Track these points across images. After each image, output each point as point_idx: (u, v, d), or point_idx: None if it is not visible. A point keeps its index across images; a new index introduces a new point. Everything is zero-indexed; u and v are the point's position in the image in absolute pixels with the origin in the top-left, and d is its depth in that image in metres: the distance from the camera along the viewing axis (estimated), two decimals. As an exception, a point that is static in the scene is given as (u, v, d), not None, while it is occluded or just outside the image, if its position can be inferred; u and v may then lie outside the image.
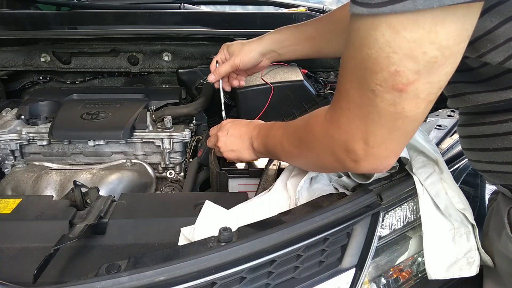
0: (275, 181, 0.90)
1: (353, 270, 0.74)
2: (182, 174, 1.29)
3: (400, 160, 0.84)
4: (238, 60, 1.06)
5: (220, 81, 1.12)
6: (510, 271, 0.74)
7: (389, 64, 0.50)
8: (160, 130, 1.26)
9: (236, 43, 1.10)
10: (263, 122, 0.96)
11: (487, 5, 0.54)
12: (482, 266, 0.80)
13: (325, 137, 0.65)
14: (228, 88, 1.17)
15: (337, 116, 0.61)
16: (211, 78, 1.10)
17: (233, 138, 0.97)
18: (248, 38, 1.46)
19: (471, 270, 0.77)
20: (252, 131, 0.94)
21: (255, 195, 0.92)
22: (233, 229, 0.67)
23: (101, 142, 1.24)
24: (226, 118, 1.08)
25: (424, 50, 0.49)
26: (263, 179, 0.99)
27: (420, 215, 0.79)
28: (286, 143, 0.79)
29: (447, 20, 0.47)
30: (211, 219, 0.78)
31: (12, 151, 1.25)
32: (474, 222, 0.79)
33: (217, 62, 1.11)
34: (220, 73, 1.08)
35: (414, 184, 0.80)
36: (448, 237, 0.78)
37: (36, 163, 1.24)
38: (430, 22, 0.47)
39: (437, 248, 0.78)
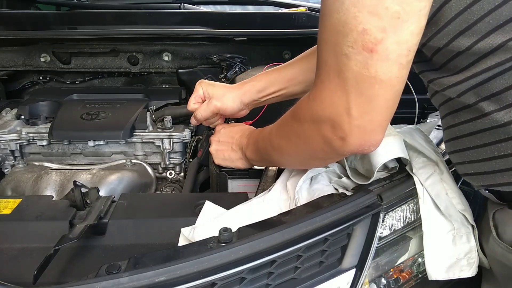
0: (275, 181, 0.90)
1: (353, 270, 0.73)
2: (182, 174, 1.29)
3: (400, 161, 0.84)
4: (219, 105, 1.00)
5: None
6: (502, 273, 0.74)
7: (356, 23, 0.54)
8: (160, 130, 1.26)
9: (217, 86, 1.03)
10: (254, 129, 0.97)
11: None
12: (481, 268, 0.80)
13: (311, 117, 0.66)
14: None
15: (319, 91, 0.63)
16: (192, 121, 1.05)
17: (224, 147, 0.99)
18: (248, 38, 1.47)
19: (471, 271, 0.77)
20: (243, 141, 0.95)
21: (255, 196, 0.92)
22: (233, 230, 0.67)
23: (101, 142, 1.24)
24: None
25: (385, 5, 0.52)
26: (262, 180, 0.99)
27: (420, 216, 0.79)
28: (275, 138, 0.80)
29: None
30: (211, 220, 0.78)
31: (12, 151, 1.25)
32: (474, 223, 0.79)
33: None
34: (200, 118, 1.02)
35: (414, 184, 0.80)
36: (448, 238, 0.78)
37: (36, 163, 1.24)
38: None
39: (438, 249, 0.78)
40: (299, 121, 0.70)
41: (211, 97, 1.01)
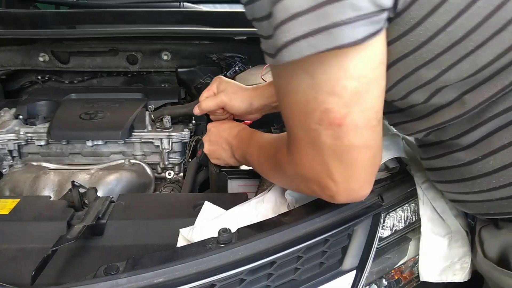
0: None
1: (354, 271, 0.73)
2: (181, 174, 1.28)
3: (401, 161, 0.84)
4: (226, 100, 0.98)
5: None
6: (492, 285, 0.74)
7: (318, 104, 0.53)
8: (159, 130, 1.25)
9: (232, 84, 1.01)
10: (242, 127, 0.95)
11: None
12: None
13: (296, 175, 0.65)
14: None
15: (299, 156, 0.62)
16: (195, 110, 1.04)
17: (215, 146, 0.98)
18: (248, 38, 1.46)
19: (464, 276, 0.77)
20: (231, 141, 0.94)
21: (255, 196, 0.92)
22: (233, 230, 0.66)
23: (100, 142, 1.23)
24: None
25: (342, 84, 0.51)
26: (262, 180, 0.98)
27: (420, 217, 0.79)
28: (263, 168, 0.80)
29: (349, 55, 0.50)
30: (211, 220, 0.77)
31: (10, 151, 1.24)
32: (467, 229, 0.79)
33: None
34: (203, 108, 1.01)
35: (415, 185, 0.80)
36: (444, 241, 0.79)
37: (34, 163, 1.23)
38: (334, 60, 0.50)
39: (433, 251, 0.78)
40: (285, 172, 0.69)
41: (222, 91, 1.00)
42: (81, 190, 0.90)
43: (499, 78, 0.54)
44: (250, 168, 1.01)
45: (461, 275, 0.77)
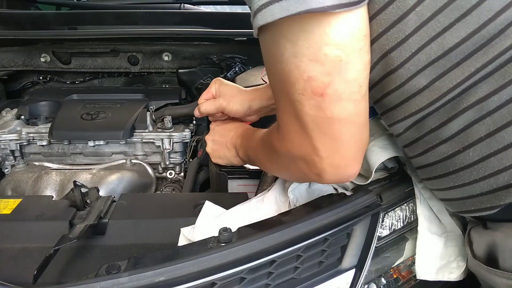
0: (274, 181, 0.90)
1: (353, 270, 0.73)
2: (182, 174, 1.29)
3: (400, 161, 0.84)
4: (225, 104, 0.99)
5: None
6: (485, 285, 0.74)
7: (301, 72, 0.54)
8: (160, 130, 1.26)
9: (230, 87, 1.02)
10: (247, 127, 0.96)
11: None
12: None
13: (285, 153, 0.66)
14: None
15: (286, 132, 0.63)
16: (196, 113, 1.05)
17: (219, 146, 0.99)
18: (248, 38, 1.47)
19: (460, 274, 0.78)
20: (236, 140, 0.94)
21: (254, 196, 0.92)
22: (233, 230, 0.67)
23: (101, 142, 1.24)
24: None
25: (324, 52, 0.52)
26: (262, 180, 0.99)
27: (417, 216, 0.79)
28: (262, 158, 0.81)
29: (332, 22, 0.51)
30: (211, 220, 0.78)
31: (12, 151, 1.25)
32: (463, 229, 0.80)
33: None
34: (202, 112, 1.02)
35: (413, 185, 0.80)
36: (441, 240, 0.79)
37: (36, 163, 1.24)
38: (316, 26, 0.51)
39: (430, 250, 0.78)
40: (276, 153, 0.70)
41: (220, 95, 1.01)
42: (83, 190, 0.91)
43: (466, 65, 0.55)
44: (251, 168, 1.02)
45: (457, 274, 0.77)
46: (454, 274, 0.77)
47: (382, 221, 0.78)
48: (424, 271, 0.77)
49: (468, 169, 0.61)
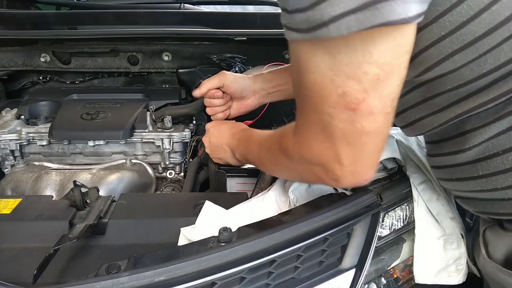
0: (273, 179, 0.90)
1: (353, 270, 0.74)
2: (182, 174, 1.29)
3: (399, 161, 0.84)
4: (227, 75, 1.03)
5: None
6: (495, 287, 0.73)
7: (335, 87, 0.52)
8: (160, 130, 1.26)
9: (234, 74, 1.09)
10: (244, 128, 0.97)
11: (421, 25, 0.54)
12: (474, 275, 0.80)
13: (300, 158, 0.65)
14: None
15: (306, 139, 0.61)
16: (195, 92, 1.08)
17: (216, 147, 0.99)
18: (248, 38, 1.47)
19: (459, 278, 0.78)
20: (232, 141, 0.95)
21: (251, 194, 0.93)
22: (233, 229, 0.67)
23: (101, 142, 1.23)
24: None
25: (364, 70, 0.50)
26: (260, 178, 0.99)
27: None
28: (264, 159, 0.80)
29: (377, 40, 0.48)
30: (211, 219, 0.78)
31: (12, 151, 1.24)
32: (462, 233, 0.80)
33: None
34: (203, 90, 1.05)
35: (411, 186, 0.80)
36: (439, 243, 0.79)
37: (36, 163, 1.24)
38: (360, 44, 0.48)
39: (428, 253, 0.78)
40: (288, 157, 0.69)
41: (223, 76, 1.05)
42: (83, 190, 0.91)
43: None
44: (250, 166, 1.02)
45: (456, 277, 0.77)
46: (452, 277, 0.77)
47: (382, 220, 0.78)
48: (423, 275, 0.77)
49: (504, 174, 0.59)
